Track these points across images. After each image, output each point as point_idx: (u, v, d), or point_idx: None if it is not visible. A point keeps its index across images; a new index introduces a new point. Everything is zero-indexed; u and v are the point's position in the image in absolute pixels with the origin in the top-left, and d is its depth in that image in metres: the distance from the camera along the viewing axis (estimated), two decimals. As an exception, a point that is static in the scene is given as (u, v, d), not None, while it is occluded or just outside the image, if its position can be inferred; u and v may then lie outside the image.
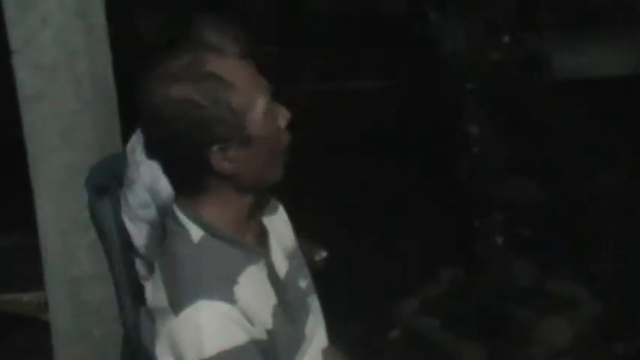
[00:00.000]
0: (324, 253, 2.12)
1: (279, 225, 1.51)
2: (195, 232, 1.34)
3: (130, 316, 1.84)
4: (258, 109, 1.33)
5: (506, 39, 2.91)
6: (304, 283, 1.51)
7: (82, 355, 2.21)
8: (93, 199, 1.91)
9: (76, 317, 2.19)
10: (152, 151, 1.35)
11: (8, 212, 3.36)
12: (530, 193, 3.64)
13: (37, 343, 2.62)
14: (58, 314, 2.21)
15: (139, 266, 1.94)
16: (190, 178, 1.34)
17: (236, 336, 1.27)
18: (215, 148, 1.30)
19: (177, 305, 1.28)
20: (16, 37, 2.04)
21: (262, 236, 1.44)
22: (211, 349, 1.25)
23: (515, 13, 3.05)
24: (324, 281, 2.33)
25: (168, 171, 1.37)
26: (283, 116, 1.37)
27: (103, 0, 2.10)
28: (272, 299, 1.38)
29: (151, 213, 1.90)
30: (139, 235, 1.91)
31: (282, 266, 1.45)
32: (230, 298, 1.29)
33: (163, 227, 1.62)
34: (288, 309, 1.42)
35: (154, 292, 1.34)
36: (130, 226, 1.90)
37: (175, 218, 1.36)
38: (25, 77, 2.05)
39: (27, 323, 2.99)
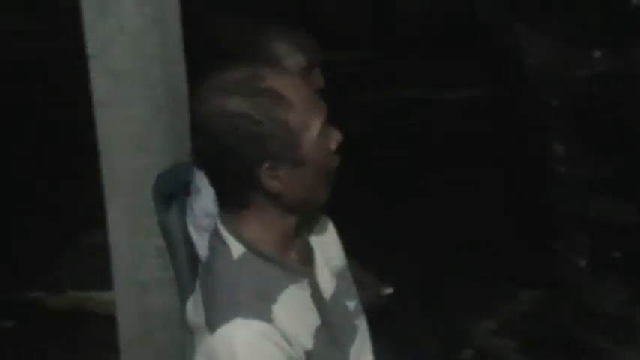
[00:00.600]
0: (389, 290, 2.06)
1: (328, 244, 1.48)
2: (236, 249, 1.32)
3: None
4: (314, 130, 1.30)
5: (596, 54, 2.81)
6: (352, 304, 1.47)
7: (146, 359, 2.22)
8: (159, 206, 1.92)
9: (143, 321, 2.20)
10: (201, 162, 1.34)
11: (93, 211, 3.46)
12: (617, 213, 3.51)
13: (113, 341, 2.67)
14: (124, 317, 2.23)
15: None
16: (236, 193, 1.32)
17: (272, 355, 1.25)
18: (266, 165, 1.27)
19: (213, 323, 1.26)
20: (92, 43, 2.07)
21: (307, 255, 1.41)
22: None
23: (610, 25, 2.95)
24: (400, 298, 2.30)
25: (215, 183, 1.35)
26: (335, 139, 1.34)
27: (178, 7, 2.12)
28: (315, 320, 1.35)
29: (214, 223, 1.89)
30: (201, 244, 1.91)
31: (328, 286, 1.42)
32: (267, 317, 1.26)
33: None
34: (332, 330, 1.38)
35: (195, 309, 1.33)
36: (194, 234, 1.90)
37: (217, 234, 1.34)
38: (100, 83, 2.09)
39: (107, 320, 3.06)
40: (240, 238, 1.33)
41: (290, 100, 1.29)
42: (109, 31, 2.06)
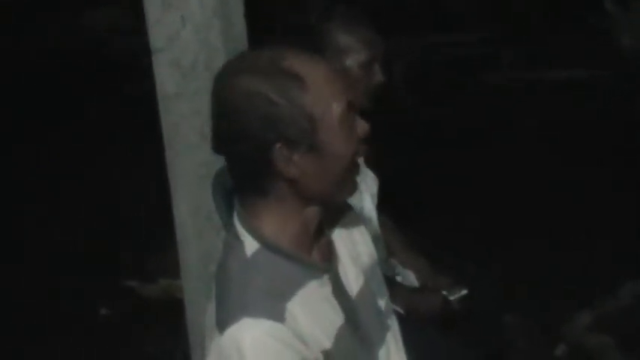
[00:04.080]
0: (462, 291, 1.97)
1: (355, 240, 1.41)
2: (250, 245, 1.28)
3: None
4: (333, 116, 1.26)
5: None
6: (382, 302, 1.41)
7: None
8: (219, 201, 1.90)
9: (212, 315, 2.19)
10: (218, 145, 1.31)
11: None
12: None
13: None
14: (193, 312, 2.22)
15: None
16: (253, 178, 1.28)
17: (281, 356, 1.20)
18: (279, 146, 1.24)
19: (222, 323, 1.23)
20: (157, 37, 2.06)
21: (329, 250, 1.35)
22: None
23: None
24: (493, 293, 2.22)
25: (232, 169, 1.31)
26: (362, 129, 1.29)
27: (242, -1, 2.09)
28: (337, 318, 1.30)
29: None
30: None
31: (354, 284, 1.36)
32: (278, 316, 1.22)
33: None
34: (359, 329, 1.32)
35: (209, 309, 1.29)
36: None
37: (233, 229, 1.30)
38: (165, 76, 2.07)
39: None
40: (255, 234, 1.29)
41: (308, 82, 1.25)
42: (172, 25, 2.04)
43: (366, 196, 2.01)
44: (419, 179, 4.11)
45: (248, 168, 1.28)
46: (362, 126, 1.30)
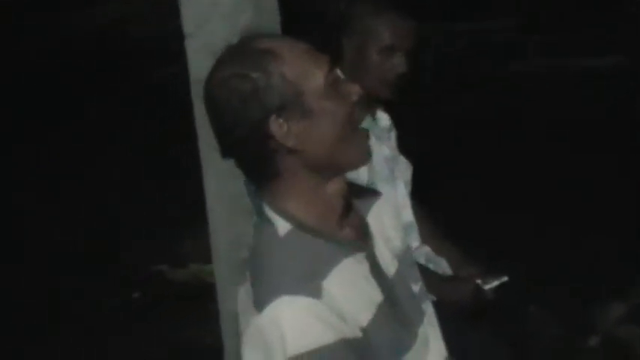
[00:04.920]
0: (495, 282, 1.94)
1: (386, 225, 1.41)
2: (282, 226, 1.29)
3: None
4: (316, 81, 1.27)
5: None
6: (416, 287, 1.41)
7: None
8: (250, 187, 1.89)
9: (242, 300, 2.18)
10: (222, 147, 1.32)
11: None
12: None
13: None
14: (225, 296, 2.22)
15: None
16: (262, 161, 1.29)
17: (322, 334, 1.20)
18: (273, 117, 1.25)
19: (260, 302, 1.24)
20: (188, 21, 2.05)
21: (363, 230, 1.36)
22: (295, 348, 1.19)
23: None
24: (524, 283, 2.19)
25: (242, 164, 1.32)
26: (354, 92, 1.30)
27: (273, -19, 2.07)
28: (376, 295, 1.30)
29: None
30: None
31: (390, 265, 1.36)
32: (315, 293, 1.22)
33: None
34: (399, 308, 1.32)
35: (245, 293, 1.30)
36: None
37: (262, 213, 1.30)
38: (197, 61, 2.06)
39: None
40: (286, 215, 1.29)
41: (282, 54, 1.27)
42: (203, 9, 2.03)
43: (399, 183, 2.00)
44: (448, 167, 4.09)
45: (253, 154, 1.29)
46: (354, 88, 1.31)
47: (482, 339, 1.87)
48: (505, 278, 1.93)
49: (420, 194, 2.10)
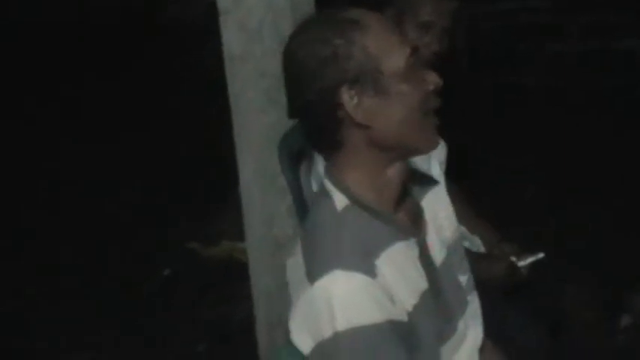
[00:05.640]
0: (530, 258, 1.93)
1: (439, 213, 1.40)
2: (340, 200, 1.27)
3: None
4: (397, 60, 1.26)
5: None
6: (464, 279, 1.39)
7: (280, 312, 2.22)
8: (286, 164, 1.89)
9: (275, 276, 2.20)
10: (291, 108, 1.31)
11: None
12: None
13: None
14: (258, 272, 2.24)
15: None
16: (328, 131, 1.28)
17: (372, 312, 1.19)
18: (345, 87, 1.24)
19: (313, 274, 1.22)
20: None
21: (418, 216, 1.35)
22: (343, 323, 1.18)
23: None
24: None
25: (307, 128, 1.31)
26: (432, 80, 1.28)
27: (309, -41, 2.06)
28: (422, 283, 1.29)
29: None
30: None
31: (438, 254, 1.35)
32: (370, 271, 1.21)
33: None
34: (442, 298, 1.31)
35: (294, 265, 1.30)
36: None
37: (322, 186, 1.31)
38: (231, 38, 2.07)
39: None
40: (345, 189, 1.28)
41: (369, 26, 1.26)
42: (239, -14, 2.04)
43: (434, 162, 1.98)
44: (482, 148, 4.06)
45: (320, 121, 1.28)
46: (432, 77, 1.29)
47: (517, 316, 1.87)
48: (541, 255, 1.92)
49: (455, 173, 2.09)
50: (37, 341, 3.17)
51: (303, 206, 1.90)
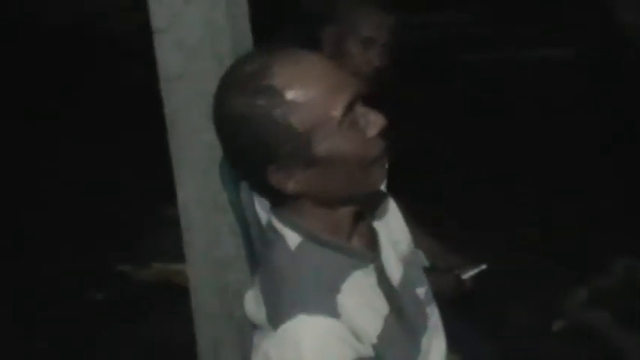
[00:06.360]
0: (473, 270, 1.96)
1: (392, 228, 1.39)
2: (292, 239, 1.25)
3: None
4: (330, 122, 1.19)
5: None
6: (422, 291, 1.39)
7: (222, 335, 2.19)
8: (227, 184, 1.88)
9: (218, 298, 2.17)
10: (227, 158, 1.30)
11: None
12: None
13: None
14: (199, 294, 2.20)
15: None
16: (267, 189, 1.25)
17: (341, 353, 1.18)
18: (272, 168, 1.20)
19: (275, 320, 1.20)
20: (159, 17, 2.02)
21: (372, 239, 1.33)
22: None
23: None
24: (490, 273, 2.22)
25: (245, 179, 1.32)
26: (374, 125, 1.22)
27: (244, -24, 2.05)
28: (383, 308, 1.27)
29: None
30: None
31: (395, 272, 1.34)
32: (333, 311, 1.19)
33: None
34: (404, 318, 1.30)
35: (255, 303, 1.27)
36: (260, 212, 1.85)
37: (271, 226, 1.28)
38: (168, 57, 2.04)
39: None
40: (295, 227, 1.25)
41: (295, 99, 1.18)
42: (174, 4, 2.01)
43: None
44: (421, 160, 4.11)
45: (257, 181, 1.25)
46: (375, 121, 1.22)
47: (464, 328, 1.89)
48: (483, 266, 1.95)
49: (396, 188, 2.11)
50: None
51: (246, 225, 1.89)
